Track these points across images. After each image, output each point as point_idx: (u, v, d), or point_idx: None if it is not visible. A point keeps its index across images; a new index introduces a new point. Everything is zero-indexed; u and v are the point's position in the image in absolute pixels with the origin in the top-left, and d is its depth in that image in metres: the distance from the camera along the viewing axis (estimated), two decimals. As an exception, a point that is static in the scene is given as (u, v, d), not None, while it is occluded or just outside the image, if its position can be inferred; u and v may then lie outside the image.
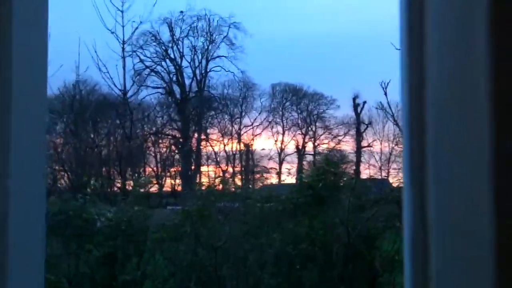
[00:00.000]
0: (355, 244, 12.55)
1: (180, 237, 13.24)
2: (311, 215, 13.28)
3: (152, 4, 46.44)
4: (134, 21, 44.80)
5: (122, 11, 41.89)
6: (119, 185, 39.76)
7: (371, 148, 49.95)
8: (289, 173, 45.88)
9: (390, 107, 46.48)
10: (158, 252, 13.38)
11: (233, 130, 49.73)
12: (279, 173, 46.89)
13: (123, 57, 46.89)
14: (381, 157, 49.42)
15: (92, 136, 44.01)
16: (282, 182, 39.00)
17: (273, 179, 45.91)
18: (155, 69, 48.44)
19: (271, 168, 47.68)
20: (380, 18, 47.98)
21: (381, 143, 50.00)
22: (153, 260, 13.30)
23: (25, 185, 2.05)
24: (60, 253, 12.78)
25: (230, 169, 47.60)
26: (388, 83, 47.02)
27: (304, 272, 12.55)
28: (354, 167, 47.82)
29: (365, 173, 48.29)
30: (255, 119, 50.75)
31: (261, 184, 40.63)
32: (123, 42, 46.40)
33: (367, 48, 47.96)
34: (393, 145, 49.30)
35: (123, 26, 45.24)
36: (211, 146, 48.34)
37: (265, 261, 12.64)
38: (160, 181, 43.69)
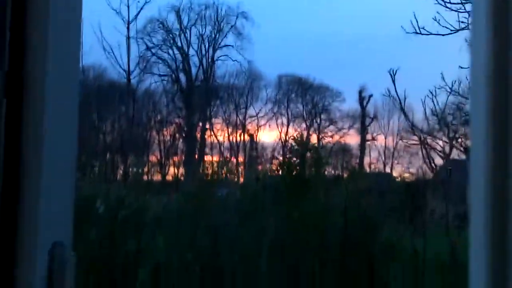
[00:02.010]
0: (353, 231, 12.60)
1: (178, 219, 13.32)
2: (304, 200, 13.31)
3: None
4: (138, 1, 44.53)
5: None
6: (121, 171, 39.85)
7: (376, 142, 49.95)
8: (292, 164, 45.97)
9: (398, 96, 46.31)
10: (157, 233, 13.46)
11: (238, 120, 49.77)
12: (282, 164, 46.87)
13: (128, 37, 46.82)
14: (385, 151, 49.40)
15: (96, 122, 44.05)
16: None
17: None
18: (161, 57, 48.46)
19: (275, 159, 47.73)
20: (388, 9, 47.84)
21: (385, 137, 50.00)
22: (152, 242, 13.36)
23: (55, 183, 2.02)
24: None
25: (234, 159, 47.67)
26: (396, 71, 46.84)
27: (299, 257, 12.60)
28: (357, 161, 47.94)
29: (368, 167, 48.34)
30: (260, 109, 50.79)
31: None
32: (128, 23, 46.33)
33: (375, 40, 47.78)
34: (398, 140, 49.27)
35: (128, 6, 45.15)
36: (215, 135, 48.40)
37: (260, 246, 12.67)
38: (163, 170, 43.81)
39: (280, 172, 16.14)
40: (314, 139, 50.54)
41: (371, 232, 12.77)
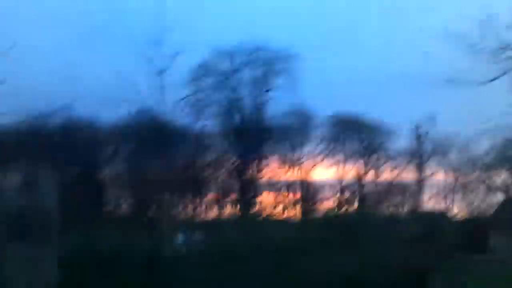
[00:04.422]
0: (404, 282, 12.30)
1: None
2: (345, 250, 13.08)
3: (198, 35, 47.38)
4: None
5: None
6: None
7: (433, 179, 49.07)
8: (348, 202, 45.51)
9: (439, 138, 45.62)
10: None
11: (292, 159, 49.62)
12: (338, 203, 46.50)
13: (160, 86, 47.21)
14: (442, 189, 48.42)
15: (153, 164, 44.49)
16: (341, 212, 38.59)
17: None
18: (214, 99, 48.96)
19: (331, 197, 47.31)
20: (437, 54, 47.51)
21: (443, 174, 49.10)
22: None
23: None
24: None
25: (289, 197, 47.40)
26: (436, 115, 46.46)
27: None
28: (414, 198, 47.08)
29: (425, 205, 47.45)
30: (314, 148, 50.59)
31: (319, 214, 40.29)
32: (161, 72, 47.18)
33: (424, 81, 47.46)
34: (456, 176, 48.29)
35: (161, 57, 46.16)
36: (270, 174, 48.32)
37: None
38: (219, 208, 43.93)
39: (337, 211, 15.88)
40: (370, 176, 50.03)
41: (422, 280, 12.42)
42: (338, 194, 44.88)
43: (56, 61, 46.93)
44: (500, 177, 46.99)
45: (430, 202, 47.45)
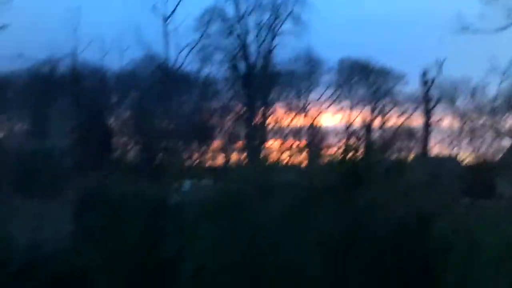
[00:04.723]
0: (408, 223, 12.31)
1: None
2: (351, 195, 13.07)
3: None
4: None
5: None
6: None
7: (440, 125, 48.89)
8: (355, 148, 45.42)
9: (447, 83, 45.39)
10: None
11: (299, 105, 49.43)
12: (346, 149, 46.35)
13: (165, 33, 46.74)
14: (450, 134, 48.26)
15: (159, 110, 44.47)
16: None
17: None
18: (220, 45, 48.59)
19: (338, 143, 47.26)
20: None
21: (451, 120, 48.89)
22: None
23: None
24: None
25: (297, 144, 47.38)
26: (444, 60, 46.04)
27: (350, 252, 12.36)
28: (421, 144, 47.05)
29: (432, 150, 47.46)
30: (322, 94, 50.34)
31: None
32: (166, 18, 46.90)
33: (436, 26, 46.96)
34: (463, 122, 48.10)
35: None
36: (277, 121, 48.22)
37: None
38: (226, 155, 44.01)
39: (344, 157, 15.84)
40: (377, 122, 49.91)
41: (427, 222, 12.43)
42: (345, 140, 44.80)
43: (60, 8, 46.56)
44: (508, 122, 46.77)
45: (437, 148, 47.42)
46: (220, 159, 43.49)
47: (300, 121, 48.44)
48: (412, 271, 12.42)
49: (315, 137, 47.02)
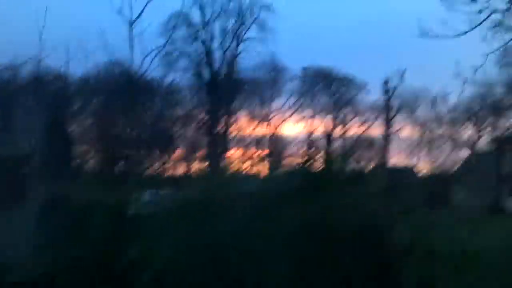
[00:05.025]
0: (365, 232, 12.57)
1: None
2: (310, 201, 13.28)
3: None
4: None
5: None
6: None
7: (400, 135, 49.64)
8: (315, 158, 45.79)
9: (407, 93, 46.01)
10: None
11: (262, 113, 49.67)
12: (306, 158, 46.69)
13: (131, 38, 46.50)
14: (409, 144, 49.04)
15: (121, 118, 44.29)
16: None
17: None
18: (184, 51, 48.52)
19: (299, 152, 47.53)
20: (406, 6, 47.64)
21: (410, 130, 49.67)
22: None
23: None
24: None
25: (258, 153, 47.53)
26: (405, 69, 46.82)
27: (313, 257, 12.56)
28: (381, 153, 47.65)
29: (392, 160, 48.10)
30: (285, 102, 50.66)
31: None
32: (131, 22, 46.53)
33: (397, 33, 47.70)
34: (423, 131, 48.89)
35: (131, 6, 45.82)
36: (239, 129, 48.37)
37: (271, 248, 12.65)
38: (188, 164, 43.96)
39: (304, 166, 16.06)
40: (338, 131, 50.41)
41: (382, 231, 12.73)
42: (306, 149, 45.20)
43: (24, 11, 46.20)
44: (466, 133, 47.71)
45: (396, 157, 48.13)
46: (182, 168, 43.49)
47: (262, 130, 48.74)
48: (369, 278, 12.71)
49: (277, 146, 47.33)
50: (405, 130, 49.48)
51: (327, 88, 50.94)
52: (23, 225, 16.16)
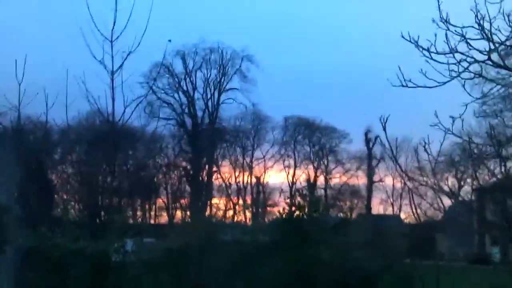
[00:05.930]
0: (351, 282, 12.42)
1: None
2: (296, 251, 13.17)
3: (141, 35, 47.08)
4: (124, 51, 45.33)
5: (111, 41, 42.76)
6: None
7: (383, 183, 49.76)
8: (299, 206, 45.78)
9: (389, 143, 46.27)
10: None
11: (245, 162, 49.75)
12: (290, 206, 46.65)
13: (112, 88, 46.45)
14: (392, 192, 49.13)
15: (103, 167, 44.05)
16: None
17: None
18: (167, 101, 48.78)
19: (283, 201, 47.50)
20: (388, 52, 48.36)
21: (393, 179, 49.82)
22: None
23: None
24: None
25: (241, 202, 47.44)
26: (387, 118, 47.12)
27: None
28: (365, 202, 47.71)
29: (375, 208, 48.11)
30: (267, 151, 50.85)
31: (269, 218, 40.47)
32: (112, 73, 46.44)
33: (377, 82, 48.26)
34: (405, 181, 48.99)
35: (112, 57, 45.79)
36: (222, 178, 48.34)
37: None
38: (170, 213, 43.66)
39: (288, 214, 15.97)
40: (321, 180, 50.48)
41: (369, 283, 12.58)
42: (290, 197, 45.11)
43: (4, 58, 46.16)
44: (448, 183, 47.87)
45: (380, 206, 48.14)
46: (164, 216, 43.17)
47: (245, 178, 48.70)
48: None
49: (260, 194, 47.23)
50: (388, 179, 49.64)
51: (310, 137, 51.20)
52: (3, 274, 15.80)
